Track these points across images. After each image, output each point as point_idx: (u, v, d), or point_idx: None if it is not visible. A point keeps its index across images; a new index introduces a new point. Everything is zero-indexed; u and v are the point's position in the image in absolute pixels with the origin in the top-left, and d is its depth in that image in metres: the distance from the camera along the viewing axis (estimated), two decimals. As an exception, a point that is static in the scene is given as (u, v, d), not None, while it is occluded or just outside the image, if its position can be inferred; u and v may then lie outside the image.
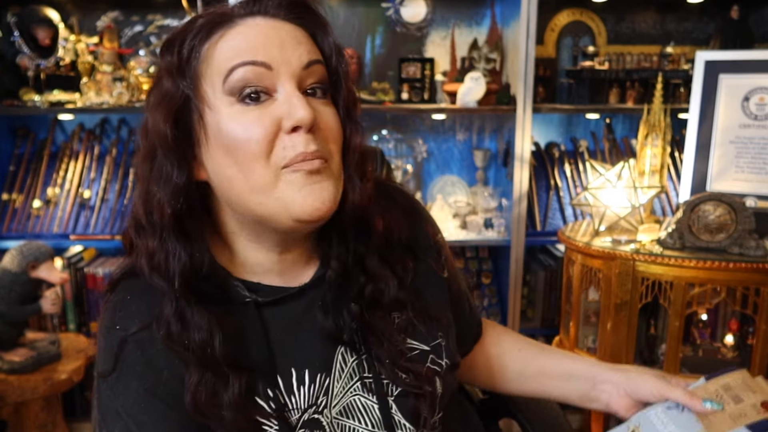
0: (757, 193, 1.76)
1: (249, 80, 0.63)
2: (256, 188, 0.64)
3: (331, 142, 0.66)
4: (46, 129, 2.38)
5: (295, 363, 0.71)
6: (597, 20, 2.43)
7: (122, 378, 0.68)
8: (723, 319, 1.80)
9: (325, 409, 0.71)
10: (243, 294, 0.70)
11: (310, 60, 0.65)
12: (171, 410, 0.66)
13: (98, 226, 2.24)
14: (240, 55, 0.63)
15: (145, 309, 0.68)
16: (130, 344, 0.67)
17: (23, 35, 2.19)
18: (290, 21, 0.67)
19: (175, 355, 0.66)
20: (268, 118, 0.63)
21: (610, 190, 1.80)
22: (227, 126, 0.64)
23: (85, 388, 2.28)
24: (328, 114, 0.67)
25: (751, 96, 1.79)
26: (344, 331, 0.73)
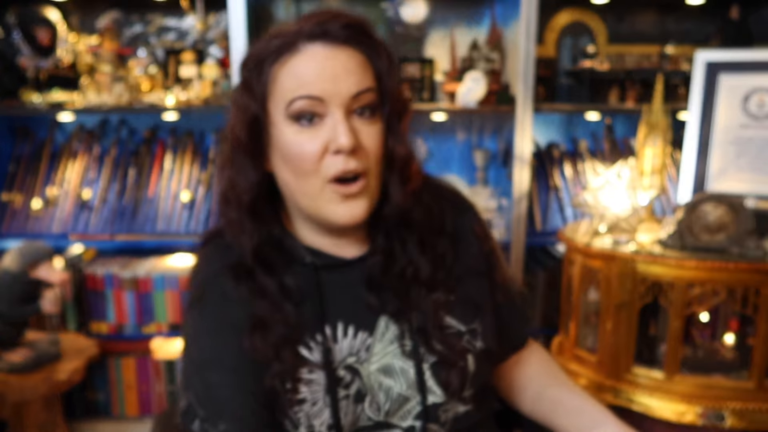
0: (757, 193, 1.75)
1: (305, 109, 0.77)
2: (306, 194, 0.80)
3: (372, 158, 0.79)
4: (46, 129, 2.38)
5: (342, 318, 0.84)
6: (597, 20, 2.43)
7: (203, 309, 0.83)
8: (723, 319, 1.80)
9: (365, 362, 0.83)
10: (304, 257, 0.85)
11: (358, 90, 0.77)
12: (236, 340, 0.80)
13: (98, 226, 2.24)
14: (299, 88, 0.76)
15: (225, 259, 0.84)
16: (211, 283, 0.84)
17: (23, 35, 2.19)
18: (348, 44, 0.78)
19: (244, 298, 0.81)
20: (318, 140, 0.77)
21: (610, 190, 1.80)
22: (286, 142, 0.78)
23: (85, 388, 2.28)
24: (371, 133, 0.79)
25: (751, 96, 1.78)
26: (387, 304, 0.85)
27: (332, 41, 0.78)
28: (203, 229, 2.24)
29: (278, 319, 0.80)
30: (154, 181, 2.32)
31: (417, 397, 0.83)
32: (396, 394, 0.83)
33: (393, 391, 0.83)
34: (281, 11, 2.36)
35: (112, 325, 2.23)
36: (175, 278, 2.21)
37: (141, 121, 2.42)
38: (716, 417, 1.62)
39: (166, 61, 2.33)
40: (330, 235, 0.86)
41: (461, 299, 0.88)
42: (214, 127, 2.41)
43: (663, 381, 1.67)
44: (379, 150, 0.80)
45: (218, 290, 0.83)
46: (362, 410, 0.82)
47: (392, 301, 0.85)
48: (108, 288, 2.21)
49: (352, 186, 0.78)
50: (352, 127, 0.77)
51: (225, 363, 0.80)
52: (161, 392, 2.30)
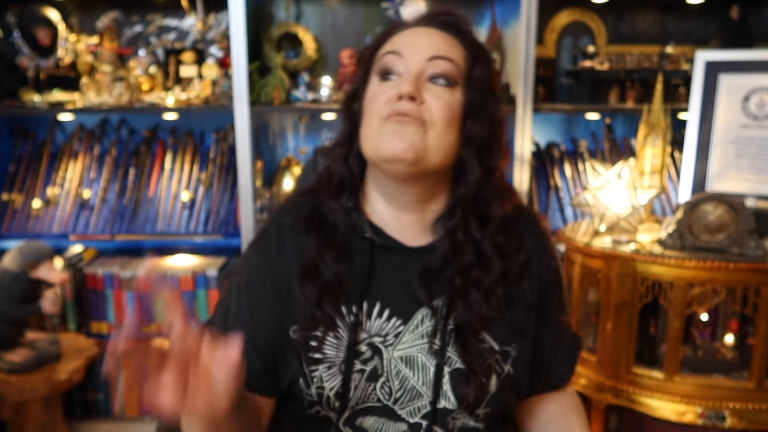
0: (757, 193, 1.76)
1: (387, 64, 0.87)
2: (369, 137, 0.85)
3: (435, 115, 0.83)
4: (46, 129, 2.38)
5: (382, 298, 0.87)
6: (597, 20, 2.43)
7: (257, 248, 0.92)
8: (723, 319, 1.80)
9: (390, 346, 0.86)
10: (365, 230, 0.89)
11: (435, 55, 0.85)
12: (273, 286, 0.88)
13: (98, 226, 2.23)
14: (389, 47, 0.88)
15: (298, 213, 0.92)
16: (276, 228, 0.92)
17: (23, 35, 2.19)
18: (446, 31, 0.88)
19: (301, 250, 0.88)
20: (389, 91, 0.85)
21: (610, 190, 1.80)
22: (368, 94, 0.88)
23: (85, 388, 2.28)
24: (440, 96, 0.84)
25: (751, 96, 1.78)
26: (433, 298, 0.87)
27: (431, 24, 0.89)
28: (203, 229, 2.25)
29: (331, 271, 0.86)
30: (154, 181, 2.32)
31: (429, 398, 0.85)
32: (410, 386, 0.85)
33: (408, 382, 0.85)
34: (281, 11, 2.36)
35: (112, 325, 2.23)
36: (175, 278, 2.21)
37: (141, 121, 2.42)
38: (716, 417, 1.62)
39: (166, 61, 2.33)
40: (393, 204, 0.90)
41: (505, 319, 0.88)
42: (214, 127, 2.41)
43: (663, 381, 1.67)
44: (447, 112, 0.84)
45: (276, 238, 0.91)
46: (373, 389, 0.85)
47: (439, 296, 0.87)
48: (108, 288, 2.21)
49: (402, 117, 0.82)
50: (422, 86, 0.84)
51: (248, 299, 0.88)
52: (161, 392, 2.30)
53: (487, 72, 0.89)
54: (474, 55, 0.88)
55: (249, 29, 2.09)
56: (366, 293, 0.87)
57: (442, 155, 0.85)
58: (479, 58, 0.88)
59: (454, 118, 0.85)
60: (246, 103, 2.10)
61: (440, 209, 0.91)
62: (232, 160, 2.34)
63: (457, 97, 0.86)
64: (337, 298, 0.85)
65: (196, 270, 2.22)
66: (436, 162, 0.85)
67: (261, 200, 2.30)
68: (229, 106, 2.14)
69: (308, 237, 0.89)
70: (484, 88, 0.88)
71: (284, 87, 2.20)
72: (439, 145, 0.84)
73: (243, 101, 2.10)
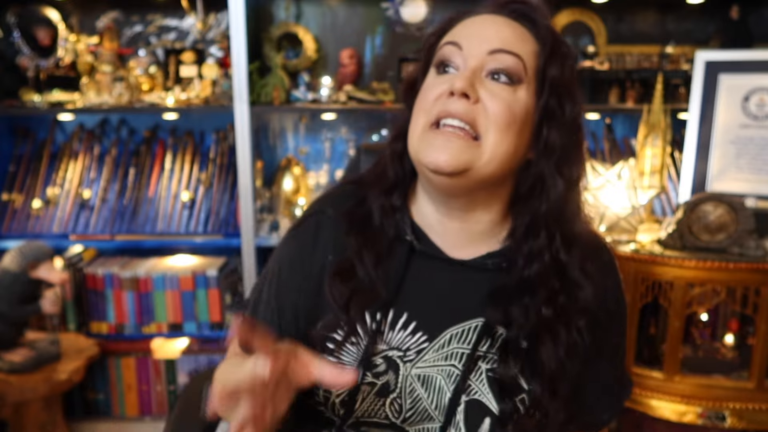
0: (757, 193, 1.76)
1: (445, 55, 0.79)
2: (414, 135, 0.78)
3: (490, 119, 0.74)
4: (46, 129, 2.38)
5: (410, 309, 0.80)
6: (597, 20, 2.43)
7: (294, 236, 0.88)
8: (723, 319, 1.80)
9: (409, 362, 0.79)
10: (407, 232, 0.83)
11: (497, 48, 0.76)
12: (303, 279, 0.83)
13: (98, 226, 2.23)
14: (450, 38, 0.79)
15: (342, 204, 0.86)
16: (315, 219, 0.87)
17: (23, 35, 2.19)
18: (515, 19, 0.79)
19: (337, 244, 0.83)
20: (442, 86, 0.77)
21: (610, 190, 1.80)
22: (424, 86, 0.80)
23: (85, 388, 2.28)
24: (498, 95, 0.75)
25: (751, 96, 1.78)
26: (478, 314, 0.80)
27: (500, 12, 0.80)
28: (203, 229, 2.25)
29: (367, 274, 0.80)
30: (154, 181, 2.32)
31: (440, 422, 0.79)
32: (422, 407, 0.79)
33: (421, 403, 0.79)
34: (281, 11, 2.36)
35: (112, 325, 2.23)
36: (175, 278, 2.21)
37: (141, 121, 2.42)
38: (716, 417, 1.62)
39: (166, 61, 2.33)
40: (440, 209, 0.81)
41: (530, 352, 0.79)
42: (214, 127, 2.41)
43: (663, 381, 1.67)
44: (505, 114, 0.74)
45: (313, 230, 0.86)
46: (382, 405, 0.80)
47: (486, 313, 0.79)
48: (108, 288, 2.21)
49: (449, 130, 0.74)
50: (478, 82, 0.75)
51: (277, 288, 0.85)
52: (161, 392, 2.30)
53: (565, 70, 0.78)
54: (550, 50, 0.78)
55: (249, 29, 2.09)
56: (394, 301, 0.80)
57: (496, 165, 0.75)
58: (556, 54, 0.78)
59: (515, 121, 0.75)
60: (246, 103, 2.10)
61: (493, 220, 0.82)
62: (232, 160, 2.34)
63: (520, 97, 0.76)
64: (366, 304, 0.79)
65: (196, 270, 2.22)
66: (489, 172, 0.75)
67: (261, 200, 2.30)
68: (229, 106, 2.14)
69: (349, 233, 0.82)
70: (562, 89, 0.78)
71: (284, 87, 2.20)
72: (493, 153, 0.74)
73: (243, 101, 2.10)
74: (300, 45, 2.33)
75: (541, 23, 0.79)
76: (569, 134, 0.78)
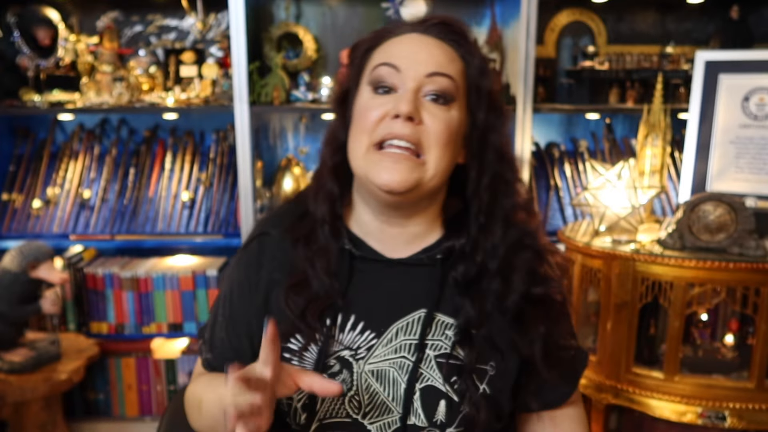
0: (757, 193, 1.76)
1: (382, 76, 0.83)
2: (357, 154, 0.83)
3: (432, 139, 0.81)
4: (46, 129, 2.38)
5: (357, 311, 0.85)
6: (597, 20, 2.43)
7: (241, 258, 0.93)
8: (723, 319, 1.80)
9: (361, 360, 0.84)
10: (344, 242, 0.88)
11: (434, 71, 0.81)
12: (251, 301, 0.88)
13: (98, 226, 2.23)
14: (384, 57, 0.84)
15: (283, 223, 0.91)
16: (258, 240, 0.92)
17: (23, 35, 2.19)
18: (442, 39, 0.84)
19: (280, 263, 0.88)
20: (384, 107, 0.81)
21: (610, 190, 1.80)
22: (359, 104, 0.85)
23: (85, 388, 2.28)
24: (438, 117, 0.81)
25: (751, 96, 1.78)
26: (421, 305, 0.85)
27: (428, 33, 0.85)
28: (203, 229, 2.25)
29: (322, 283, 0.85)
30: (154, 181, 2.32)
31: (399, 413, 0.83)
32: (380, 400, 0.83)
33: (378, 396, 0.84)
34: (281, 11, 2.36)
35: (112, 325, 2.23)
36: (175, 278, 2.21)
37: (141, 121, 2.42)
38: (716, 417, 1.62)
39: (166, 61, 2.33)
40: (379, 218, 0.87)
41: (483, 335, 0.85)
42: (214, 127, 2.41)
43: (663, 381, 1.67)
44: (445, 134, 0.81)
45: (257, 251, 0.91)
46: (342, 403, 0.83)
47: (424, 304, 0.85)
48: (108, 288, 2.21)
49: (396, 151, 0.80)
50: (419, 104, 0.81)
51: (229, 309, 0.91)
52: (161, 392, 2.30)
53: (492, 84, 0.86)
54: (476, 67, 0.85)
55: (249, 29, 2.09)
56: (342, 305, 0.85)
57: (439, 178, 0.83)
58: (481, 72, 0.85)
59: (452, 138, 0.82)
60: (246, 103, 2.10)
61: (429, 221, 0.89)
62: (232, 160, 2.34)
63: (454, 115, 0.83)
64: (322, 311, 0.84)
65: (196, 270, 2.22)
66: (433, 185, 0.83)
67: (261, 200, 2.30)
68: (229, 106, 2.14)
69: (296, 248, 0.88)
70: (491, 103, 0.86)
71: (284, 87, 2.20)
72: (436, 169, 0.81)
73: (243, 101, 2.10)
74: (300, 45, 2.33)
75: (466, 42, 0.86)
76: (497, 144, 0.85)
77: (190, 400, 0.92)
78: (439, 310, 0.86)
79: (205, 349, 0.94)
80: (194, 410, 0.90)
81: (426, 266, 0.88)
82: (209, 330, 0.94)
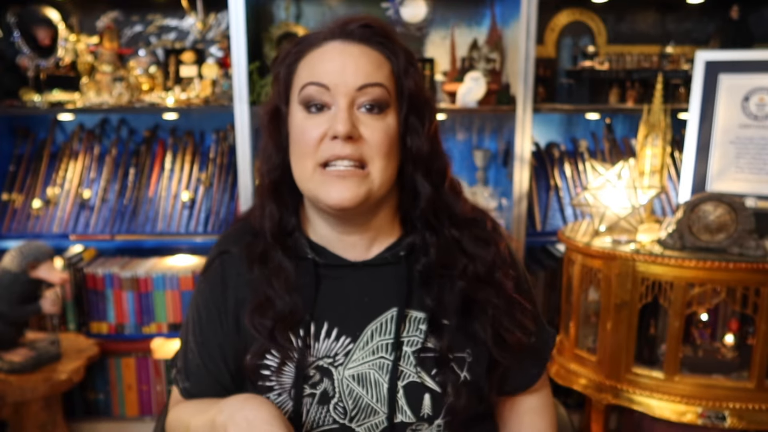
0: (757, 193, 1.76)
1: (313, 96, 0.81)
2: (301, 177, 0.83)
3: (374, 149, 0.81)
4: (46, 129, 2.38)
5: (330, 318, 0.86)
6: (597, 20, 2.43)
7: (204, 280, 0.92)
8: (723, 319, 1.80)
9: (340, 366, 0.84)
10: (306, 251, 0.88)
11: (364, 83, 0.81)
12: (219, 323, 0.87)
13: (98, 226, 2.23)
14: (311, 76, 0.82)
15: (242, 240, 0.90)
16: (219, 260, 0.91)
17: (23, 35, 2.19)
18: (365, 43, 0.83)
19: (244, 280, 0.87)
20: (321, 127, 0.81)
21: (610, 190, 1.80)
22: (294, 126, 0.84)
23: (85, 388, 2.28)
24: (376, 127, 0.81)
25: (751, 96, 1.79)
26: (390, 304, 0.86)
27: (350, 39, 0.83)
28: (203, 229, 2.25)
29: (285, 303, 0.84)
30: (154, 181, 2.32)
31: (385, 413, 0.83)
32: (365, 403, 0.84)
33: (362, 400, 0.84)
34: (281, 11, 2.36)
35: (112, 325, 2.23)
36: (175, 278, 2.21)
37: (141, 121, 2.42)
38: (716, 417, 1.62)
39: (166, 61, 2.33)
40: (336, 229, 0.87)
41: (456, 325, 0.86)
42: (214, 127, 2.41)
43: (663, 381, 1.67)
44: (385, 144, 0.81)
45: (220, 272, 0.90)
46: (327, 412, 0.84)
47: (394, 302, 0.86)
48: (108, 288, 2.21)
49: (339, 168, 0.80)
50: (355, 119, 0.80)
51: (200, 335, 0.89)
52: (161, 392, 2.30)
53: (416, 80, 0.85)
54: (402, 66, 0.84)
55: (249, 29, 2.09)
56: (312, 315, 0.85)
57: (386, 185, 0.83)
58: (408, 68, 0.85)
59: (392, 144, 0.83)
60: (246, 103, 2.10)
61: (386, 222, 0.89)
62: (232, 160, 2.34)
63: (390, 121, 0.83)
64: (289, 328, 0.84)
65: (196, 270, 2.22)
66: (382, 193, 0.83)
67: (261, 200, 2.30)
68: (229, 106, 2.14)
69: (252, 268, 0.87)
70: (418, 99, 0.85)
71: (284, 87, 2.20)
72: (382, 178, 0.82)
73: (243, 101, 2.10)
74: (300, 45, 2.33)
75: (388, 41, 0.84)
76: (430, 139, 0.86)
77: (176, 427, 0.91)
78: (410, 306, 0.87)
79: (181, 378, 0.93)
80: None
81: (391, 265, 0.88)
82: (182, 358, 0.93)
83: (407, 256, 0.88)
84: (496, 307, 0.86)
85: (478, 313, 0.86)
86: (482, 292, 0.86)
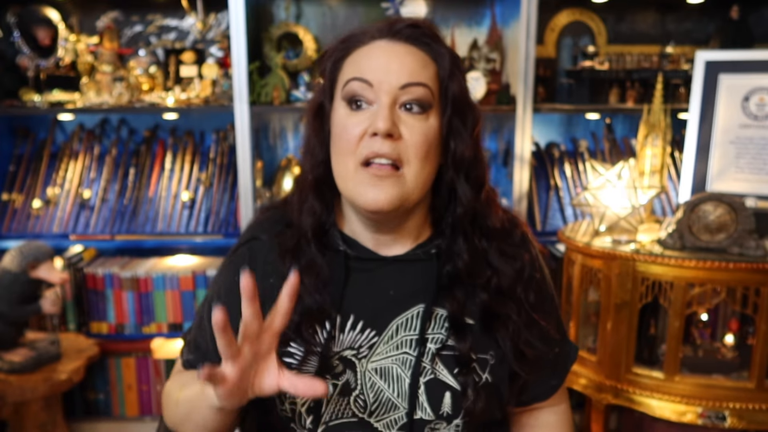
0: (757, 193, 1.76)
1: (356, 92, 0.82)
2: (341, 176, 0.83)
3: (411, 150, 0.81)
4: (46, 129, 2.38)
5: (356, 310, 0.85)
6: (597, 20, 2.43)
7: (231, 263, 0.92)
8: (723, 319, 1.80)
9: (363, 358, 0.84)
10: (339, 243, 0.88)
11: (407, 82, 0.80)
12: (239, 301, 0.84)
13: (98, 226, 2.23)
14: (355, 72, 0.82)
15: (273, 229, 0.91)
16: (248, 245, 0.91)
17: (23, 35, 2.19)
18: (411, 43, 0.83)
19: (271, 269, 0.87)
20: (362, 124, 0.81)
21: (610, 190, 1.80)
22: (336, 122, 0.84)
23: (85, 388, 2.28)
24: (416, 127, 0.81)
25: (751, 96, 1.79)
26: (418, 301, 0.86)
27: (396, 38, 0.83)
28: (203, 229, 2.25)
29: (313, 299, 0.84)
30: (154, 181, 2.32)
31: (405, 409, 0.83)
32: (385, 397, 0.84)
33: (383, 394, 0.84)
34: (281, 11, 2.36)
35: (112, 325, 2.23)
36: (175, 278, 2.21)
37: (141, 121, 2.42)
38: (716, 417, 1.62)
39: (166, 61, 2.33)
40: (370, 228, 0.87)
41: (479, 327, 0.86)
42: (214, 127, 2.41)
43: (663, 381, 1.67)
44: (424, 146, 0.81)
45: (247, 256, 0.90)
46: (347, 404, 0.84)
47: (421, 299, 0.86)
48: (108, 288, 2.21)
49: (379, 168, 0.80)
50: (396, 117, 0.80)
51: None
52: (161, 392, 2.30)
53: (462, 83, 0.85)
54: (448, 69, 0.84)
55: (249, 29, 2.09)
56: (340, 307, 0.85)
57: (421, 190, 0.83)
58: (453, 71, 0.84)
59: (431, 147, 0.82)
60: (246, 103, 2.10)
61: (419, 223, 0.89)
62: (232, 160, 2.34)
63: (432, 123, 0.83)
64: (316, 323, 0.84)
65: (196, 270, 2.22)
66: (417, 197, 0.83)
67: (261, 200, 2.30)
68: (229, 106, 2.14)
69: (283, 258, 0.86)
70: (462, 103, 0.85)
71: (284, 87, 2.20)
72: (416, 182, 0.82)
73: (243, 101, 2.10)
74: (300, 45, 2.33)
75: (435, 43, 0.84)
76: (473, 144, 0.86)
77: (166, 403, 0.93)
78: (437, 304, 0.86)
79: (186, 351, 0.94)
80: (172, 403, 0.91)
81: (421, 261, 0.88)
82: (194, 332, 0.94)
83: (438, 255, 0.88)
84: (515, 323, 0.86)
85: (498, 326, 0.86)
86: (503, 306, 0.86)
